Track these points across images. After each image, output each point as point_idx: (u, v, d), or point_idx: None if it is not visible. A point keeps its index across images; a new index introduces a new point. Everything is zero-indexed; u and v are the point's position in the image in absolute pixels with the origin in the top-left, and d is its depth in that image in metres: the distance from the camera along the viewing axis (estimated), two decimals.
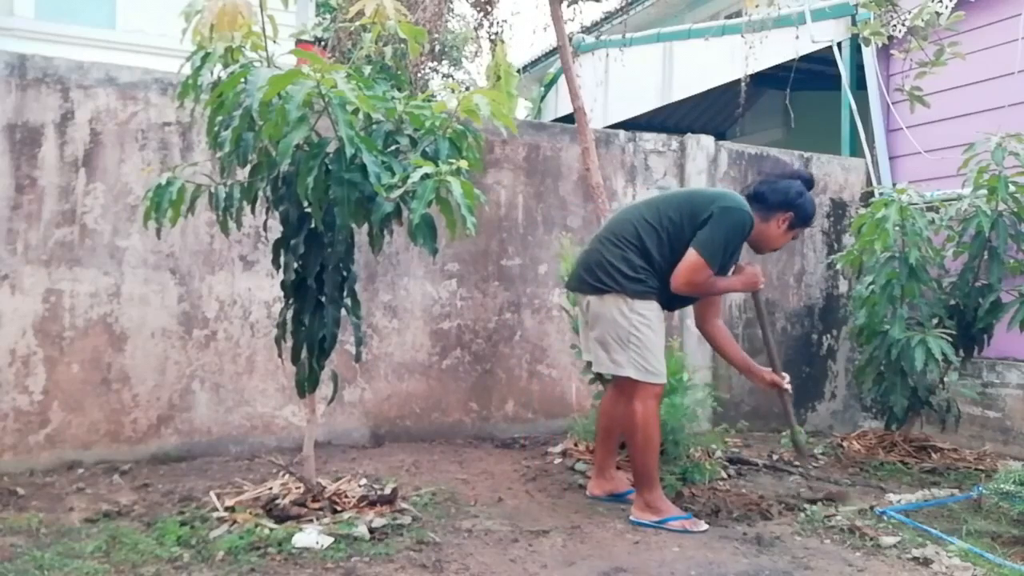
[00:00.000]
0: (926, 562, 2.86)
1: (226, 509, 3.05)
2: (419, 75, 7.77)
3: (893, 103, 5.64)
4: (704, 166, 5.31)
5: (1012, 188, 4.21)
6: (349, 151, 2.58)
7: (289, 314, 3.06)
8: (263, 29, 2.92)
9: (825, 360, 5.65)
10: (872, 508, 3.47)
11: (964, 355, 4.52)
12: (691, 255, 3.14)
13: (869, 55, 5.72)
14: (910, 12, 4.60)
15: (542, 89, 10.48)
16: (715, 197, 3.26)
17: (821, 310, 5.64)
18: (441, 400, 4.62)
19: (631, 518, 3.23)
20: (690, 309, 5.17)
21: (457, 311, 4.67)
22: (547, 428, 4.74)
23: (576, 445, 4.21)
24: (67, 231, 3.82)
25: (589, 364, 3.91)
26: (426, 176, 2.60)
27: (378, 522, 2.95)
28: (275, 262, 3.07)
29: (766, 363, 3.64)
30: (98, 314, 3.86)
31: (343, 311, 3.05)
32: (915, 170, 5.45)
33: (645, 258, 3.20)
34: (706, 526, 3.19)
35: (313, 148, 2.71)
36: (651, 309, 3.19)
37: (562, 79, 7.58)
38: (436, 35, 7.19)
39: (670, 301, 3.31)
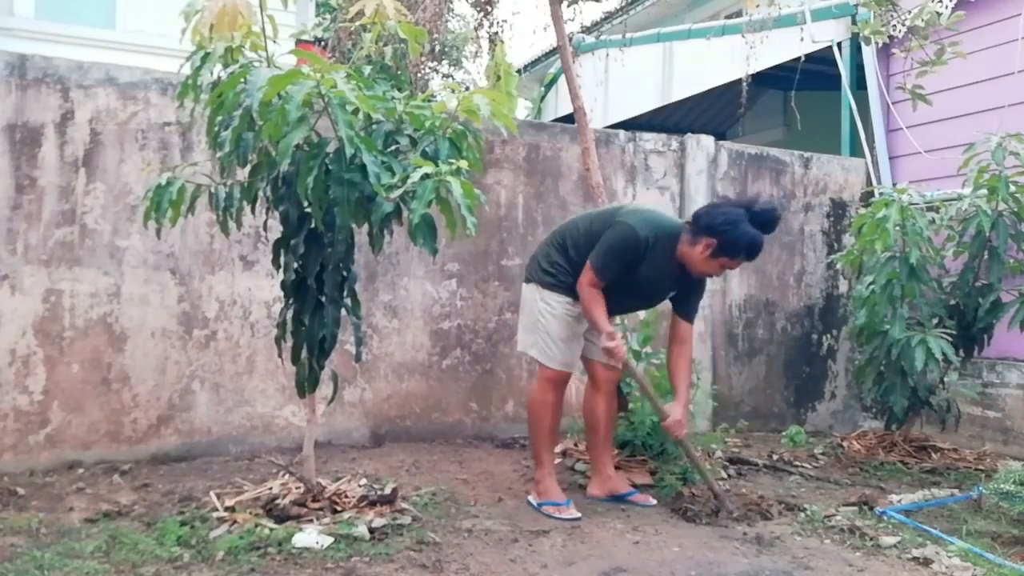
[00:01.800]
0: (926, 562, 2.86)
1: (226, 509, 3.05)
2: (419, 75, 7.77)
3: (893, 103, 5.63)
4: (704, 166, 5.31)
5: (1012, 188, 4.21)
6: (349, 151, 2.58)
7: (289, 314, 3.06)
8: (263, 29, 2.92)
9: (825, 360, 5.65)
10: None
11: (964, 355, 4.51)
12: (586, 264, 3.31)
13: (869, 55, 5.72)
14: (910, 12, 4.59)
15: (542, 89, 10.47)
16: (618, 213, 3.37)
17: (821, 310, 5.64)
18: (441, 400, 4.62)
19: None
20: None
21: (457, 311, 4.67)
22: None
23: (576, 445, 4.21)
24: (67, 231, 3.81)
25: None
26: (426, 176, 2.60)
27: (378, 522, 2.95)
28: (275, 262, 3.07)
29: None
30: (98, 314, 3.86)
31: (343, 311, 3.05)
32: (915, 170, 5.45)
33: (564, 257, 3.41)
34: (578, 514, 3.27)
35: (313, 148, 2.71)
36: (558, 301, 3.39)
37: (562, 79, 7.58)
38: (436, 35, 7.19)
39: (608, 304, 3.34)
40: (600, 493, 3.56)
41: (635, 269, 3.28)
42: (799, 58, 6.09)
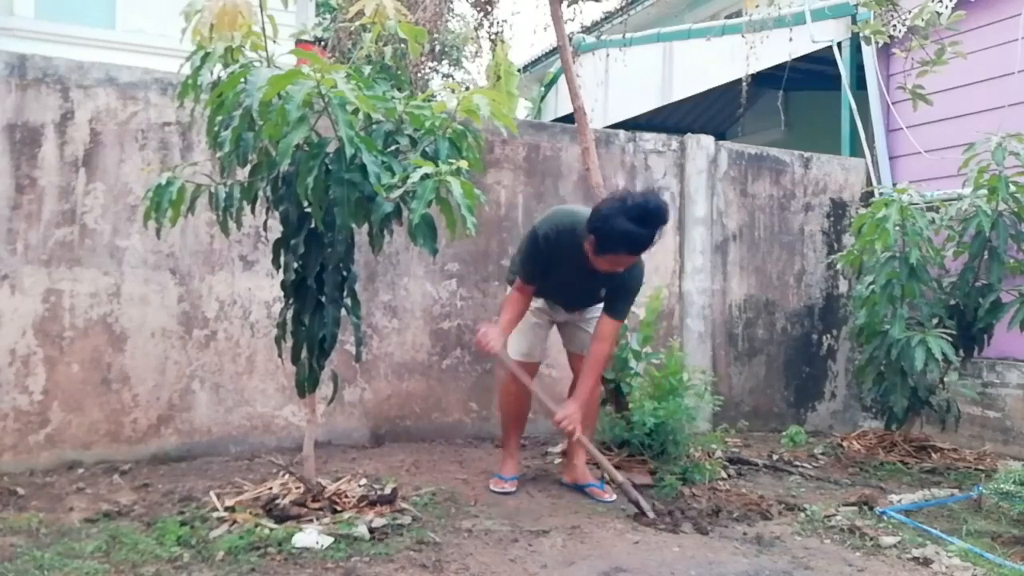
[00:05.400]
0: (926, 562, 2.86)
1: (226, 509, 3.05)
2: (419, 75, 7.77)
3: (893, 103, 5.64)
4: (704, 166, 5.31)
5: (1012, 188, 4.21)
6: (349, 151, 2.58)
7: (289, 314, 3.06)
8: (263, 29, 2.92)
9: (825, 360, 5.65)
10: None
11: (964, 355, 4.51)
12: None
13: (869, 55, 5.72)
14: (910, 12, 4.60)
15: (542, 89, 10.47)
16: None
17: (821, 310, 5.64)
18: (441, 400, 4.62)
19: None
20: (693, 310, 5.22)
21: (457, 311, 4.67)
22: (547, 428, 4.72)
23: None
24: (67, 231, 3.81)
25: None
26: (426, 176, 2.60)
27: (378, 522, 2.95)
28: (275, 262, 3.07)
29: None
30: (98, 314, 3.86)
31: (343, 311, 3.05)
32: (915, 170, 5.45)
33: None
34: (509, 490, 3.54)
35: (313, 148, 2.71)
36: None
37: (562, 79, 7.58)
38: (436, 35, 7.19)
39: (553, 299, 3.59)
40: (568, 480, 3.73)
41: (552, 267, 3.37)
42: (787, 61, 6.09)
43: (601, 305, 3.49)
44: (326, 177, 2.70)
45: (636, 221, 3.09)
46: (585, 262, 3.27)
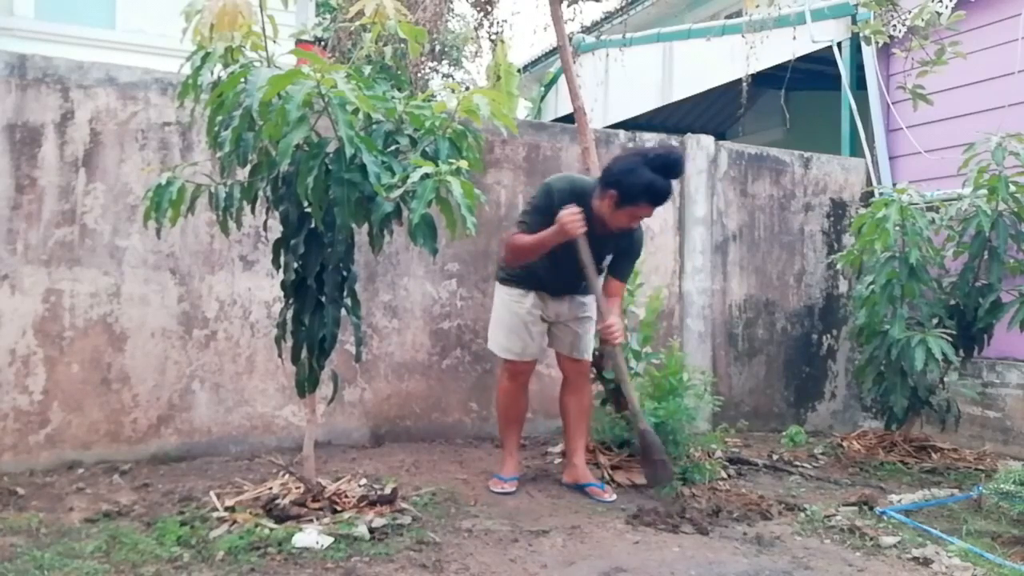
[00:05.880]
0: (926, 562, 2.86)
1: (226, 509, 3.05)
2: (419, 75, 7.76)
3: (893, 103, 5.64)
4: (704, 166, 5.31)
5: (1012, 188, 4.21)
6: (349, 151, 2.58)
7: (289, 314, 3.06)
8: (263, 29, 2.92)
9: (825, 360, 5.65)
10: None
11: (964, 355, 4.51)
12: None
13: (869, 55, 5.73)
14: (910, 12, 4.60)
15: (542, 89, 10.47)
16: None
17: (821, 310, 5.64)
18: (441, 400, 4.62)
19: None
20: (693, 310, 5.23)
21: (457, 311, 4.67)
22: (547, 428, 4.73)
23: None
24: (67, 231, 3.81)
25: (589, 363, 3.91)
26: (426, 176, 2.60)
27: (378, 522, 2.95)
28: (275, 262, 3.07)
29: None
30: (98, 314, 3.86)
31: (343, 311, 3.05)
32: (915, 170, 5.45)
33: None
34: (509, 490, 3.54)
35: (313, 148, 2.71)
36: (507, 292, 3.63)
37: (562, 79, 7.58)
38: (436, 35, 7.18)
39: (543, 284, 3.56)
40: (568, 480, 3.73)
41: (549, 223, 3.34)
42: (788, 61, 6.08)
43: (588, 302, 3.62)
44: (326, 177, 2.70)
45: (658, 171, 3.24)
46: (593, 227, 3.32)
